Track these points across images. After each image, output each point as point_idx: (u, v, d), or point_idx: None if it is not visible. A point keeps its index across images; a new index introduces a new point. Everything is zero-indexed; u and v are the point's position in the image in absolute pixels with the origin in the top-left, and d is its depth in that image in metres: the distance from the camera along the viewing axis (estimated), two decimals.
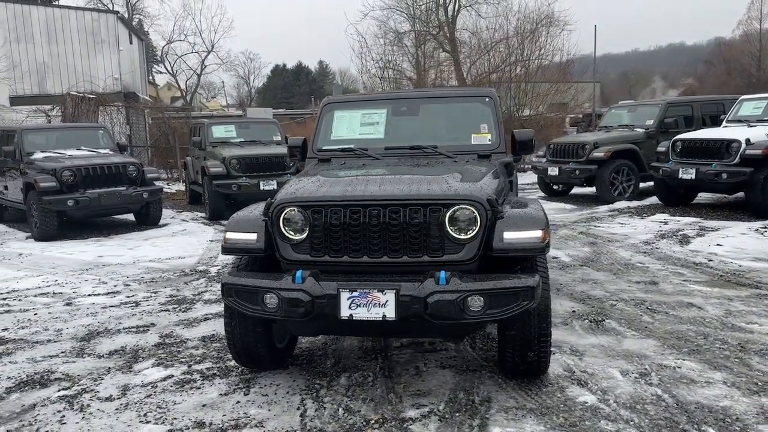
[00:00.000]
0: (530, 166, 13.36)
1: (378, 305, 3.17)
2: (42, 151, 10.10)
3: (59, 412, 3.43)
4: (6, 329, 4.97)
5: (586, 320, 4.67)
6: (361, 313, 3.18)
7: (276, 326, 3.79)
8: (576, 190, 12.46)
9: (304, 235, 3.41)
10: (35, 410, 3.47)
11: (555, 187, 12.43)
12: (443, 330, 3.42)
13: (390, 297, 3.15)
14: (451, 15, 27.57)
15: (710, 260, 6.42)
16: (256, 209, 3.72)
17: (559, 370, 3.77)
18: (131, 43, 21.40)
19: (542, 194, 12.52)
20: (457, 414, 3.25)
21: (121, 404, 3.51)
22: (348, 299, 3.19)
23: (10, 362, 4.24)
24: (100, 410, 3.44)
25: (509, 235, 3.30)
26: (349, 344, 4.34)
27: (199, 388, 3.70)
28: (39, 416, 3.39)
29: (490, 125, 4.58)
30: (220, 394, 3.60)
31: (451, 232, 3.30)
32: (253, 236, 3.52)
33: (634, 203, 10.59)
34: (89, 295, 5.99)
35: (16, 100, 17.38)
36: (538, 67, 19.80)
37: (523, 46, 20.26)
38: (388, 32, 27.17)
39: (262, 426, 3.19)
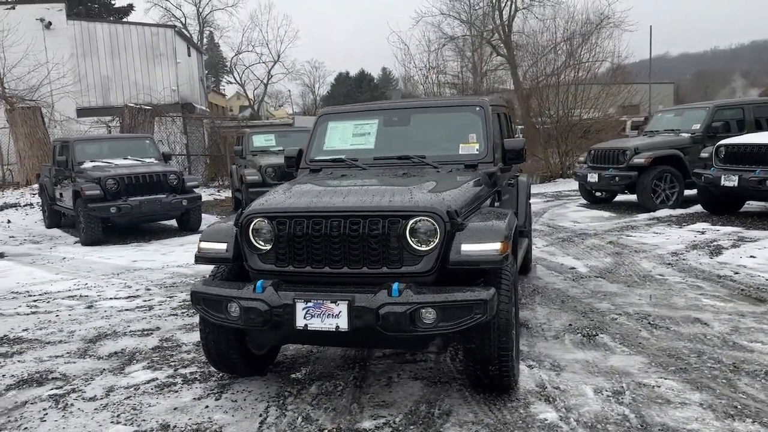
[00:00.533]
0: (573, 173, 13.02)
1: (331, 316, 3.21)
2: (91, 161, 10.70)
3: (44, 410, 3.65)
4: (26, 329, 5.32)
5: (579, 334, 4.54)
6: (316, 324, 3.23)
7: (252, 334, 3.89)
8: (620, 197, 12.04)
9: (270, 246, 3.50)
10: (24, 407, 3.71)
11: (597, 194, 12.06)
12: (399, 341, 3.43)
13: (343, 308, 3.19)
14: (507, 18, 27.34)
15: (736, 273, 6.08)
16: (232, 220, 3.84)
17: (531, 385, 3.69)
18: (189, 55, 22.34)
19: (584, 202, 12.17)
20: (412, 426, 3.24)
21: (101, 405, 3.69)
22: (303, 309, 3.25)
23: (18, 361, 4.54)
24: (80, 410, 3.64)
25: (467, 248, 3.27)
26: (332, 352, 4.40)
27: (176, 391, 3.85)
28: (25, 413, 3.62)
29: (479, 135, 4.54)
30: (194, 398, 3.73)
31: (411, 243, 3.31)
32: (223, 246, 3.64)
33: (678, 212, 10.13)
34: (111, 298, 6.31)
35: (82, 112, 18.50)
36: (593, 69, 19.25)
37: (581, 48, 19.74)
38: (439, 38, 27.14)
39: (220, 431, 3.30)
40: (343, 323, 3.19)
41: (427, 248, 3.30)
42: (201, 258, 3.71)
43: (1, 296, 6.56)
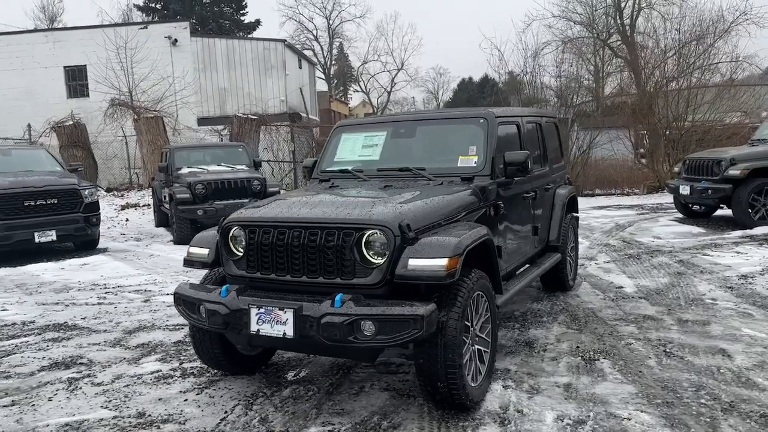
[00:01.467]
0: (666, 184, 12.08)
1: (279, 323, 3.35)
2: (188, 167, 11.66)
3: (56, 391, 4.13)
4: (84, 318, 5.98)
5: (579, 358, 4.31)
6: (266, 329, 3.39)
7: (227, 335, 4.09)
8: (720, 212, 11.00)
9: (242, 253, 3.72)
10: (44, 387, 4.22)
11: (694, 207, 11.11)
12: (347, 351, 3.48)
13: (289, 315, 3.32)
14: (628, 18, 25.86)
15: None
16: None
17: (495, 405, 3.58)
18: (300, 67, 23.51)
19: (679, 216, 11.26)
20: None
21: (102, 390, 4.11)
22: (256, 315, 3.42)
23: (63, 346, 5.14)
24: (84, 393, 4.07)
25: (414, 262, 3.28)
26: (325, 359, 4.52)
27: (169, 383, 4.18)
28: (41, 392, 4.12)
29: (479, 148, 4.47)
30: (179, 391, 4.03)
31: (364, 255, 3.38)
32: (205, 251, 3.92)
33: None
34: (168, 294, 6.89)
35: (201, 121, 20.16)
36: (729, 71, 17.63)
37: (712, 48, 18.17)
38: (554, 40, 26.20)
39: (182, 424, 3.55)
40: (289, 330, 3.32)
41: (379, 261, 3.35)
42: (188, 261, 4.01)
43: (83, 287, 7.40)
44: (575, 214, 6.49)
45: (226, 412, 3.68)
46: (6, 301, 6.76)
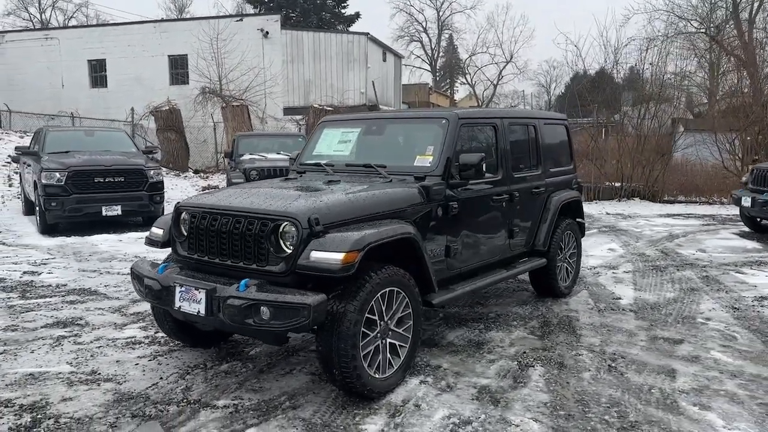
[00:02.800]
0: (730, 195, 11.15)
1: (195, 301, 3.67)
2: (250, 154, 12.35)
3: (43, 345, 4.71)
4: (107, 286, 6.64)
5: (516, 362, 4.29)
6: (185, 307, 3.72)
7: None
8: None
9: (186, 235, 4.08)
10: (36, 341, 4.82)
11: (764, 222, 10.23)
12: (258, 333, 3.72)
13: (203, 295, 3.63)
14: (743, 12, 23.89)
15: None
16: None
17: (400, 398, 3.71)
18: (385, 60, 23.87)
19: (745, 229, 10.42)
20: (251, 411, 3.55)
21: (77, 348, 4.63)
22: (179, 292, 3.76)
23: (74, 308, 5.78)
24: (62, 349, 4.61)
25: (315, 255, 3.46)
26: (293, 338, 4.73)
27: (134, 349, 4.64)
28: (31, 345, 4.71)
29: (436, 148, 4.53)
30: (138, 356, 4.47)
31: (278, 244, 3.61)
32: (160, 231, 4.31)
33: None
34: None
35: (286, 111, 21.10)
36: None
37: None
38: (662, 34, 24.65)
39: (119, 384, 3.97)
40: (202, 309, 3.63)
41: (285, 251, 3.57)
42: (148, 240, 4.42)
43: (125, 258, 8.15)
44: (578, 220, 6.31)
45: (161, 378, 4.06)
46: (56, 265, 7.64)
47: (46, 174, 9.85)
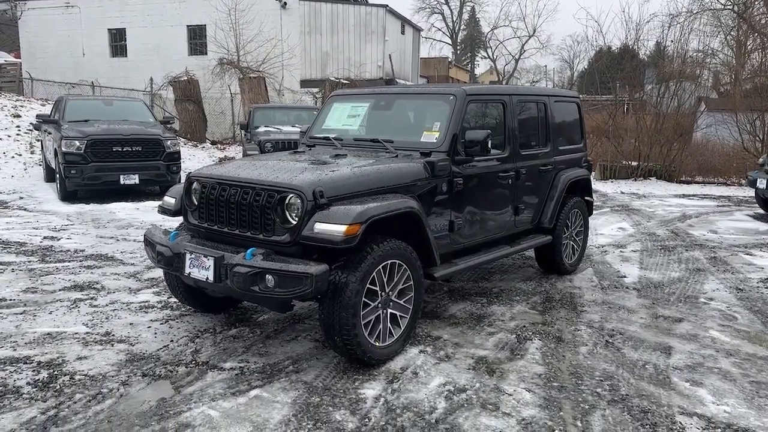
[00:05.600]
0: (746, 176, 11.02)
1: (204, 268, 3.81)
2: (265, 126, 12.45)
3: (60, 307, 4.91)
4: (123, 252, 6.84)
5: (515, 336, 4.40)
6: (195, 273, 3.87)
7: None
8: None
9: (197, 205, 4.21)
10: (54, 303, 5.02)
11: None
12: (263, 300, 3.86)
13: (211, 263, 3.77)
14: None
15: None
16: None
17: (398, 366, 3.84)
18: (403, 33, 23.66)
19: (760, 211, 10.35)
20: (255, 374, 3.71)
21: (93, 311, 4.83)
22: (189, 259, 3.90)
23: (91, 272, 5.99)
24: (78, 311, 4.81)
25: (318, 226, 3.58)
26: (299, 305, 4.89)
27: (147, 312, 4.82)
28: (49, 307, 4.91)
29: (442, 124, 4.58)
30: (150, 320, 4.66)
31: (286, 216, 3.73)
32: (172, 200, 4.45)
33: None
34: None
35: (303, 83, 21.11)
36: None
37: None
38: (681, 13, 24.06)
39: (132, 345, 4.15)
40: (210, 275, 3.77)
41: (291, 222, 3.68)
42: (160, 207, 4.56)
43: (142, 226, 8.35)
44: (587, 198, 6.35)
45: (171, 340, 4.24)
46: (75, 231, 7.86)
47: (66, 142, 10.06)
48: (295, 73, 20.77)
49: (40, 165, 13.33)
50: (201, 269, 3.83)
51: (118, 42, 23.94)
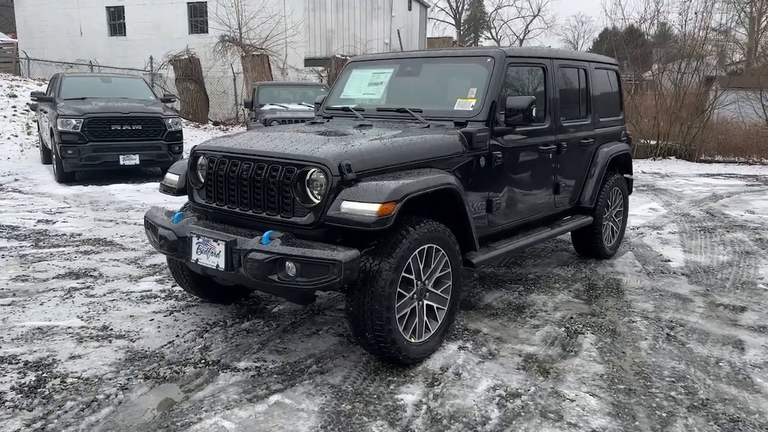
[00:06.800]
0: None
1: (213, 254, 3.31)
2: (271, 104, 11.88)
3: (54, 297, 4.42)
4: (123, 236, 6.33)
5: (564, 329, 3.91)
6: (203, 260, 3.36)
7: None
8: None
9: (203, 182, 3.70)
10: (46, 293, 4.53)
11: None
12: (282, 290, 3.36)
13: (222, 248, 3.26)
14: None
15: None
16: None
17: (437, 365, 3.36)
18: (410, 9, 22.94)
19: None
20: (275, 375, 3.23)
21: (90, 302, 4.34)
22: (196, 244, 3.40)
23: (88, 258, 5.49)
24: (73, 302, 4.32)
25: (347, 205, 3.07)
26: (320, 294, 4.40)
27: (149, 303, 4.33)
28: (41, 297, 4.43)
29: (479, 90, 4.05)
30: (153, 311, 4.17)
31: (308, 194, 3.22)
32: (176, 178, 3.94)
33: None
34: None
35: (307, 62, 20.47)
36: None
37: None
38: None
39: (132, 342, 3.66)
40: (221, 263, 3.27)
41: (317, 201, 3.18)
42: (162, 186, 4.05)
43: (143, 209, 7.85)
44: (626, 176, 5.82)
45: (177, 336, 3.75)
46: (72, 215, 7.37)
47: (61, 120, 9.53)
48: (300, 50, 20.13)
49: (37, 146, 12.80)
50: (210, 255, 3.33)
51: (116, 20, 23.27)
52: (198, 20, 21.89)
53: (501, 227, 4.24)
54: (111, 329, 3.85)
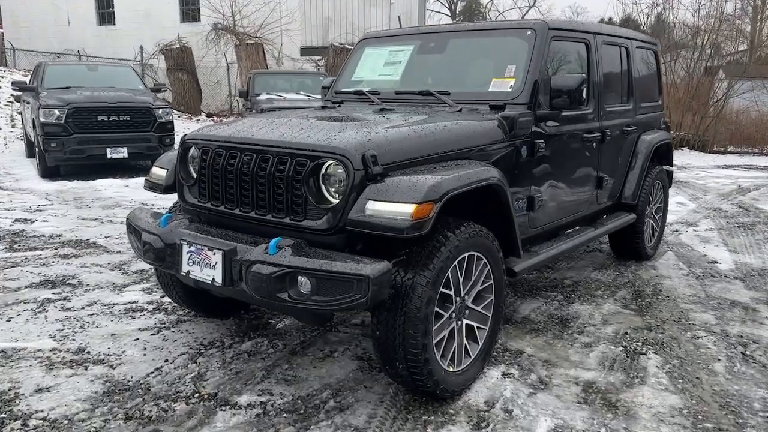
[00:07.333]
0: None
1: (209, 266, 2.72)
2: (267, 93, 11.24)
3: (23, 312, 3.81)
4: (108, 237, 5.72)
5: (621, 347, 3.34)
6: (196, 272, 2.77)
7: None
8: None
9: (196, 178, 3.10)
10: (16, 306, 3.92)
11: None
12: (292, 310, 2.77)
13: (218, 258, 2.67)
14: None
15: None
16: None
17: (481, 399, 2.78)
18: None
19: None
20: (285, 414, 2.64)
21: (65, 317, 3.74)
22: (187, 253, 2.81)
23: (67, 263, 4.87)
24: (45, 317, 3.71)
25: (373, 206, 2.48)
26: None
27: (134, 318, 3.73)
28: (9, 311, 3.82)
29: (519, 68, 3.46)
30: (138, 329, 3.57)
31: (323, 192, 2.63)
32: (163, 173, 3.33)
33: None
34: None
35: (303, 51, 19.75)
36: None
37: None
38: None
39: (113, 368, 3.07)
40: (218, 276, 2.68)
41: (335, 201, 2.58)
42: (148, 182, 3.45)
43: (131, 206, 7.23)
44: (667, 168, 5.25)
45: (166, 360, 3.15)
46: (53, 213, 6.74)
47: (44, 111, 8.86)
48: (295, 39, 19.39)
49: (22, 139, 12.12)
50: (204, 267, 2.73)
51: (105, 9, 22.45)
52: (190, 8, 21.10)
53: (542, 228, 3.66)
54: (88, 352, 3.25)
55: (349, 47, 16.51)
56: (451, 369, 2.74)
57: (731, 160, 12.72)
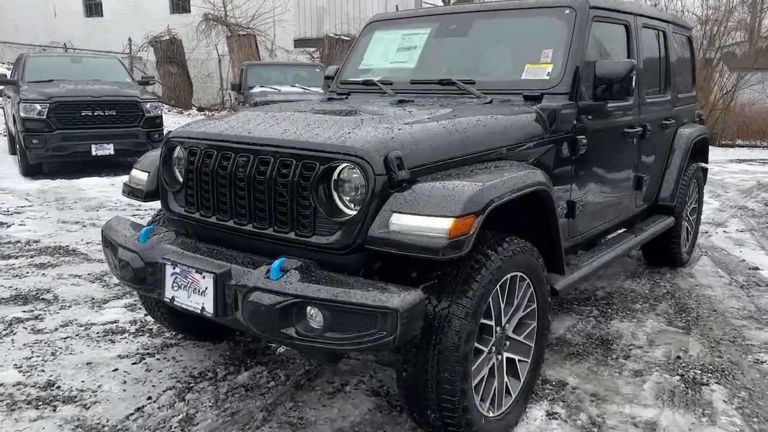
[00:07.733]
0: None
1: (197, 292, 2.24)
2: (261, 86, 10.73)
3: None
4: (89, 243, 5.22)
5: (678, 376, 2.89)
6: (182, 299, 2.30)
7: None
8: None
9: (182, 182, 2.62)
10: None
11: None
12: (298, 348, 2.30)
13: (209, 283, 2.19)
14: None
15: None
16: None
17: None
18: None
19: None
20: None
21: (35, 340, 3.25)
22: (172, 275, 2.33)
23: (42, 274, 4.37)
24: (12, 342, 3.22)
25: (399, 220, 2.00)
26: None
27: (114, 342, 3.25)
28: None
29: (557, 52, 2.99)
30: (118, 356, 3.09)
31: (335, 201, 2.16)
32: (144, 176, 2.85)
33: None
34: None
35: (297, 43, 19.23)
36: None
37: None
38: None
39: (86, 409, 2.59)
40: (209, 305, 2.20)
41: (351, 213, 2.11)
42: (127, 187, 2.96)
43: (116, 207, 6.74)
44: (703, 165, 4.80)
45: (149, 398, 2.68)
46: (31, 215, 6.24)
47: (24, 106, 8.33)
48: (289, 30, 18.86)
49: (5, 135, 11.56)
50: (192, 293, 2.26)
51: (92, 0, 21.84)
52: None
53: (581, 237, 3.20)
54: (58, 387, 2.77)
55: (345, 38, 16.02)
56: (491, 414, 2.28)
57: (744, 154, 12.34)
